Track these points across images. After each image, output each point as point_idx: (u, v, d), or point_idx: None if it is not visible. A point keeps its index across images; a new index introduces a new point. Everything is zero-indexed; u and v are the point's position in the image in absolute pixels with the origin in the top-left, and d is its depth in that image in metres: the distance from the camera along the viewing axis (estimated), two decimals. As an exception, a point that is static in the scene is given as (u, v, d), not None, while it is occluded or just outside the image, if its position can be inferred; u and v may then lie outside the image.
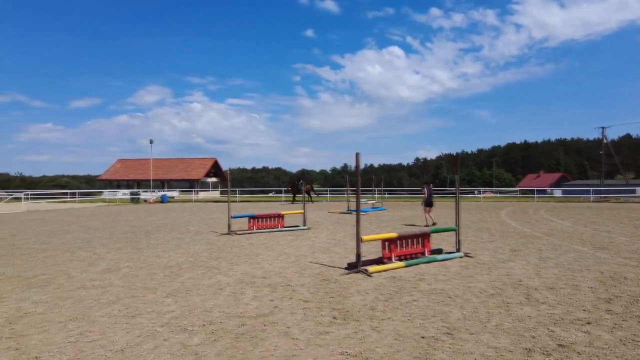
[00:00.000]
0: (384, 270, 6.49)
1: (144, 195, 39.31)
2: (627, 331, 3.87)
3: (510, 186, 78.87)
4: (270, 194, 58.26)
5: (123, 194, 42.18)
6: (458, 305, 4.73)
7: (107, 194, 43.84)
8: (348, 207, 21.77)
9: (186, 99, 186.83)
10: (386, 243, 6.99)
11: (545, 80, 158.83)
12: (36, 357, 3.41)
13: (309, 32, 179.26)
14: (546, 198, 41.64)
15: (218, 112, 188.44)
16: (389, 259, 6.92)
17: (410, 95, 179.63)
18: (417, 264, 6.96)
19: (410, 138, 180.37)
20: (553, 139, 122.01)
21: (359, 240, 6.45)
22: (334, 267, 6.92)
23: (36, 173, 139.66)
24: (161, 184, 54.68)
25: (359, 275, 6.22)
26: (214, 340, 3.71)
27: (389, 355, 3.35)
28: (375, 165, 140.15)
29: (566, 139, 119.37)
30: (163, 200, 36.00)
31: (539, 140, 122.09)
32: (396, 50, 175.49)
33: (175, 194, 44.17)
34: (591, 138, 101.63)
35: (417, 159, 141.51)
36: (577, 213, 19.15)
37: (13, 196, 38.92)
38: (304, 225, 12.95)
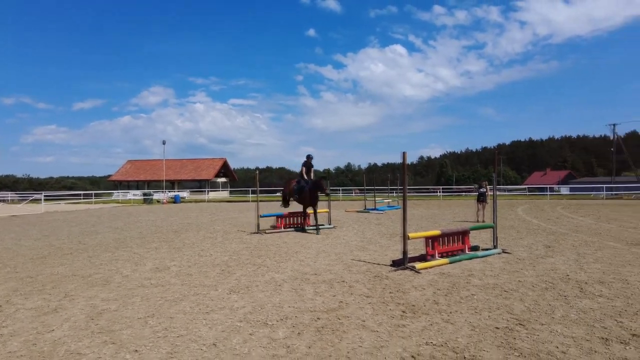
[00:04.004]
0: (430, 267, 6.65)
1: (157, 195, 39.62)
2: (691, 322, 4.03)
3: (515, 184, 78.77)
4: (278, 194, 58.51)
5: (134, 194, 42.49)
6: (517, 298, 4.89)
7: (118, 194, 44.17)
8: (365, 205, 21.93)
9: (189, 99, 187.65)
10: (429, 240, 7.15)
11: (550, 77, 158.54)
12: (135, 350, 3.60)
13: (311, 32, 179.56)
14: (556, 196, 41.61)
15: (221, 112, 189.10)
16: (432, 256, 7.08)
17: (415, 93, 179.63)
18: (459, 261, 7.12)
19: (415, 137, 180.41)
20: (558, 136, 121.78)
21: (405, 237, 6.62)
22: (378, 264, 7.09)
23: (42, 174, 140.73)
24: (171, 184, 55.02)
25: (408, 272, 6.39)
26: (299, 333, 3.88)
27: (473, 344, 3.52)
28: (379, 164, 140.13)
29: (572, 137, 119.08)
30: (176, 200, 36.27)
31: (544, 138, 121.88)
32: (399, 48, 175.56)
33: (185, 194, 44.48)
34: (597, 135, 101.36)
35: (422, 158, 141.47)
36: (594, 210, 19.24)
37: (32, 198, 39.45)
38: (329, 224, 13.12)
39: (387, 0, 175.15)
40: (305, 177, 12.30)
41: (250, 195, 42.98)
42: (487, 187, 15.10)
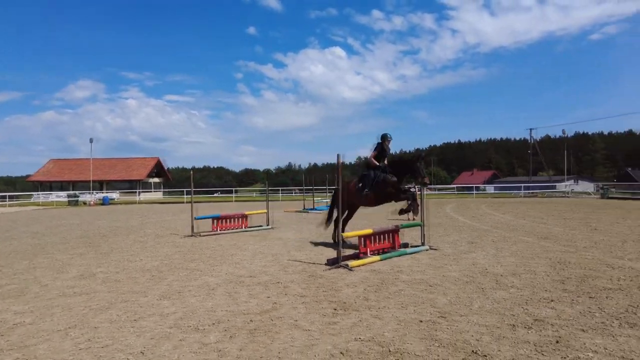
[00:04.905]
0: (363, 265, 6.90)
1: (83, 197, 36.98)
2: (583, 305, 4.58)
3: (446, 183, 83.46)
4: (215, 194, 57.15)
5: (57, 196, 39.32)
6: (441, 292, 5.23)
7: (39, 196, 40.62)
8: (304, 205, 22.11)
9: (121, 94, 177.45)
10: (362, 239, 7.41)
11: (478, 83, 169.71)
12: (53, 364, 3.39)
13: (252, 30, 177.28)
14: (482, 194, 44.67)
15: (155, 109, 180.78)
16: (365, 254, 7.35)
17: (353, 95, 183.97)
18: (390, 258, 7.45)
19: (353, 138, 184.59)
20: (485, 138, 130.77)
21: (340, 237, 6.80)
22: (314, 263, 7.22)
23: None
24: (99, 185, 51.63)
25: (342, 270, 6.58)
26: (231, 337, 3.87)
27: (399, 337, 3.73)
28: (319, 164, 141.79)
29: (497, 139, 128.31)
30: (104, 202, 34.11)
31: (472, 140, 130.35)
32: (338, 50, 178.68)
33: (115, 195, 41.95)
34: (518, 138, 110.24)
35: (359, 158, 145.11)
36: (513, 207, 20.96)
37: None
38: (268, 225, 13.10)
39: (328, 2, 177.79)
40: (375, 163, 8.91)
41: (185, 196, 41.51)
42: (416, 187, 15.77)
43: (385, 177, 8.46)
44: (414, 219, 10.76)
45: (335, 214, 8.96)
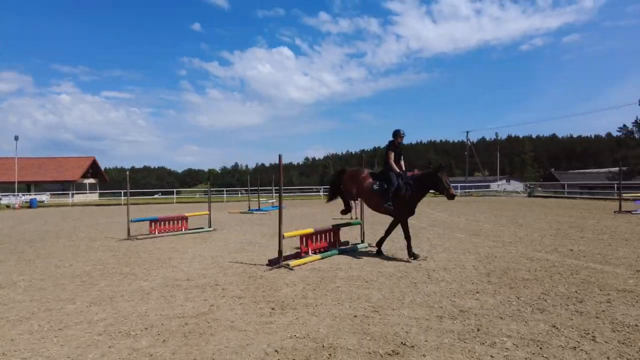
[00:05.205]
0: (304, 264, 6.98)
1: (6, 199, 33.98)
2: (503, 295, 4.98)
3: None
4: (155, 196, 54.91)
5: (-25, 199, 35.80)
6: (376, 287, 5.43)
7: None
8: (249, 206, 21.87)
9: (52, 89, 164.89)
10: (304, 238, 7.49)
11: (420, 87, 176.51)
12: (-38, 380, 3.13)
13: (196, 26, 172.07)
14: (423, 193, 46.40)
15: (92, 106, 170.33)
16: (306, 253, 7.44)
17: (300, 96, 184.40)
18: (330, 256, 7.60)
19: (300, 138, 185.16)
20: (425, 140, 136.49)
21: (281, 237, 6.84)
22: (255, 264, 7.19)
23: None
24: (27, 186, 47.71)
25: (282, 270, 6.61)
26: (164, 340, 3.78)
27: (333, 333, 3.84)
28: (267, 164, 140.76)
29: (436, 141, 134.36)
30: (32, 205, 31.56)
31: (414, 142, 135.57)
32: (286, 50, 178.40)
33: (45, 197, 38.96)
34: (456, 140, 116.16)
35: (307, 159, 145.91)
36: (449, 206, 22.06)
37: None
38: (209, 227, 12.82)
39: (275, 1, 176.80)
40: (396, 169, 7.89)
41: (122, 197, 39.45)
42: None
43: (395, 192, 7.54)
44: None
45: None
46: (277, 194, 29.68)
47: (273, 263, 6.94)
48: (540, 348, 3.44)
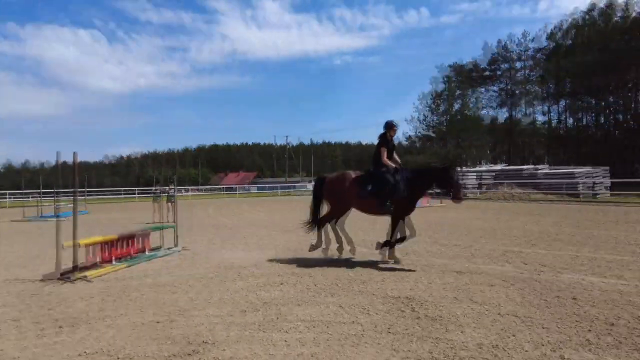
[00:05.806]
0: (105, 274, 6.37)
1: None
2: (303, 284, 5.57)
3: (214, 184, 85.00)
4: None
5: None
6: (184, 291, 5.36)
7: None
8: (41, 211, 18.54)
9: None
10: (105, 246, 6.83)
11: (242, 89, 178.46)
12: None
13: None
14: (246, 194, 47.45)
15: None
16: (109, 262, 6.80)
17: (114, 86, 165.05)
18: (139, 263, 7.12)
19: (114, 133, 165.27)
20: (250, 142, 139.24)
21: (76, 246, 6.09)
22: (42, 280, 6.18)
23: None
24: None
25: (79, 283, 5.89)
26: None
27: (131, 342, 3.65)
28: (69, 162, 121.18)
29: (260, 143, 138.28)
30: None
31: (239, 143, 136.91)
32: (98, 34, 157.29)
33: None
34: (279, 143, 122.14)
35: (122, 157, 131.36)
36: (269, 206, 23.18)
37: None
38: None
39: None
40: (391, 165, 6.93)
41: None
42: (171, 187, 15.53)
43: (391, 192, 6.61)
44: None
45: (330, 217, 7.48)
46: (82, 197, 25.94)
47: (66, 276, 6.10)
48: (327, 327, 3.99)
